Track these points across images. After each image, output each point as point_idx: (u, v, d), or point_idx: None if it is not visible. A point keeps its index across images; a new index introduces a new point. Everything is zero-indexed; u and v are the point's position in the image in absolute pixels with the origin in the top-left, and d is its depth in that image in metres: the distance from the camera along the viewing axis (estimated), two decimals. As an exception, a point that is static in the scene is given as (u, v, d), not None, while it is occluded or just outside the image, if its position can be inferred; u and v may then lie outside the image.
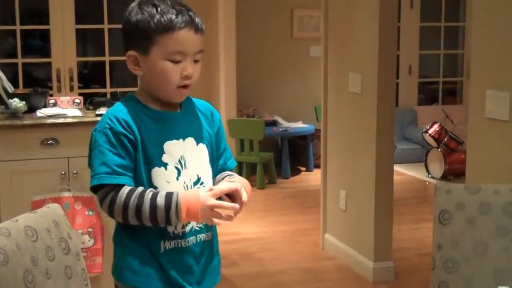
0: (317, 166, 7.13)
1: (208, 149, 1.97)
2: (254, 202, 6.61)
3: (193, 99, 2.02)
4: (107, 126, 1.83)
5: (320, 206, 5.14)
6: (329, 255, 4.95)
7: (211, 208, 1.78)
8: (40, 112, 3.77)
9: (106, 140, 1.82)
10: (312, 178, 7.59)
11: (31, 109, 3.80)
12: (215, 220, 1.80)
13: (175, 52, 1.82)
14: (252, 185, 7.17)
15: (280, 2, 8.26)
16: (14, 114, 3.63)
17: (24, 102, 3.68)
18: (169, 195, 1.79)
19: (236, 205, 1.80)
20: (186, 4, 1.88)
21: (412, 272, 4.62)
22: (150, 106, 1.90)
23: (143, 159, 1.85)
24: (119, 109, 1.87)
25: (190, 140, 1.92)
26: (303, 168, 8.07)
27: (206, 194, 1.79)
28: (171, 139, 1.88)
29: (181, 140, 1.90)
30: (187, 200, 1.77)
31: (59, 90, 6.91)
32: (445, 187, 2.27)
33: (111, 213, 1.82)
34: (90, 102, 4.03)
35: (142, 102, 1.90)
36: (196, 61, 1.88)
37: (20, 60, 6.92)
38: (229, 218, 1.81)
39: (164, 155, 1.86)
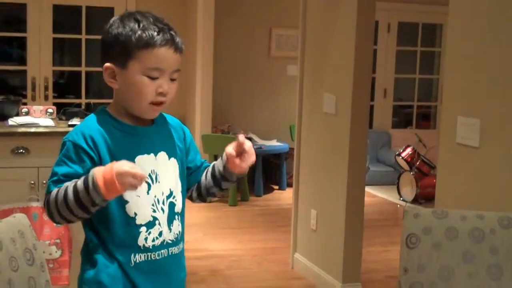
0: (290, 184, 7.13)
1: (178, 164, 1.98)
2: (226, 219, 6.60)
3: (164, 114, 2.02)
4: (71, 139, 1.83)
5: (291, 225, 5.14)
6: (298, 275, 4.94)
7: (125, 174, 1.69)
8: (12, 121, 3.74)
9: (65, 153, 1.82)
10: (284, 196, 7.60)
11: (3, 117, 3.77)
12: (132, 182, 1.71)
13: (153, 68, 1.82)
14: (224, 201, 7.21)
15: (259, 21, 8.30)
16: (-15, 121, 3.60)
17: (-4, 110, 3.65)
18: (85, 177, 1.74)
19: (144, 175, 1.73)
20: (168, 22, 1.89)
21: (380, 294, 4.63)
22: (122, 120, 1.89)
23: None
24: (89, 125, 1.86)
25: (162, 155, 1.93)
26: (276, 187, 8.08)
27: (120, 162, 1.73)
28: (142, 153, 1.88)
29: (152, 154, 1.90)
30: (101, 173, 1.71)
31: (33, 98, 6.87)
32: (413, 211, 2.28)
33: (50, 215, 1.80)
34: (63, 112, 4.01)
35: (114, 116, 1.89)
36: (172, 80, 1.87)
37: (-5, 67, 6.87)
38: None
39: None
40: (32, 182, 3.59)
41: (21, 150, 3.57)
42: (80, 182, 1.73)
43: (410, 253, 2.25)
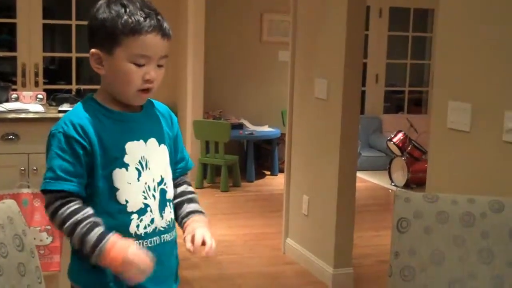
0: (282, 170, 7.12)
1: (168, 150, 1.96)
2: (218, 205, 6.60)
3: (153, 100, 1.99)
4: (61, 130, 1.80)
5: (282, 211, 5.14)
6: (289, 260, 4.96)
7: (133, 266, 1.72)
8: (2, 107, 3.72)
9: (57, 145, 1.79)
10: (276, 182, 7.61)
11: (-7, 103, 3.74)
12: (134, 275, 1.74)
13: (139, 55, 1.79)
14: (216, 187, 7.21)
15: (250, 6, 8.27)
16: (-26, 107, 3.57)
17: (-15, 96, 3.63)
18: (100, 238, 1.74)
19: (147, 272, 1.76)
20: (155, 8, 1.85)
21: (372, 279, 4.64)
22: (109, 107, 1.87)
23: (103, 162, 1.81)
24: (77, 113, 1.84)
25: (153, 141, 1.90)
26: (267, 172, 8.09)
27: (134, 249, 1.74)
28: (132, 140, 1.86)
29: (141, 141, 1.88)
30: (112, 249, 1.73)
31: (23, 85, 6.83)
32: (404, 195, 2.29)
33: (52, 221, 1.82)
34: (53, 98, 3.99)
35: (101, 103, 1.87)
36: (159, 66, 1.85)
37: (-16, 53, 6.82)
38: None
39: (126, 156, 1.83)
40: (22, 168, 3.57)
41: (11, 136, 3.55)
42: (90, 238, 1.74)
43: (401, 237, 2.25)
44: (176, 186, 2.01)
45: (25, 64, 6.85)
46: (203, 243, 1.88)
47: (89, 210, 1.78)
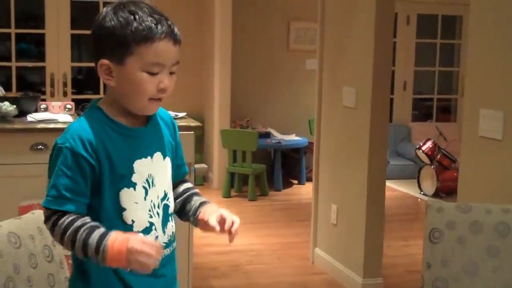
0: (309, 179, 7.10)
1: (171, 162, 1.90)
2: (245, 214, 6.58)
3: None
4: (68, 145, 1.70)
5: (311, 220, 5.11)
6: (318, 270, 4.91)
7: (138, 253, 1.64)
8: (31, 117, 3.74)
9: (64, 162, 1.70)
10: (304, 191, 7.57)
11: (22, 113, 3.77)
12: (143, 261, 1.65)
13: (153, 63, 1.71)
14: (244, 196, 7.19)
15: (277, 14, 8.26)
16: (4, 117, 3.60)
17: (14, 106, 3.65)
18: (101, 239, 1.66)
19: (159, 252, 1.68)
20: (163, 13, 1.78)
21: (401, 289, 4.59)
22: (117, 120, 1.78)
23: (110, 180, 1.74)
24: (85, 127, 1.74)
25: (158, 156, 1.84)
26: (295, 181, 8.05)
27: (135, 238, 1.66)
28: (140, 157, 1.79)
29: (149, 158, 1.81)
30: (113, 243, 1.65)
31: (52, 95, 6.89)
32: (436, 205, 2.25)
33: (52, 233, 1.72)
34: (82, 108, 4.00)
35: (109, 115, 1.78)
36: (171, 73, 1.77)
37: (14, 64, 6.90)
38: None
39: (134, 174, 1.76)
40: (51, 178, 3.58)
41: (40, 146, 3.57)
42: (92, 239, 1.65)
43: (433, 248, 2.21)
44: (176, 185, 1.96)
45: (54, 74, 6.91)
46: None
47: (87, 218, 1.70)
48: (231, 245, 5.68)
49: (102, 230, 1.68)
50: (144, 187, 1.78)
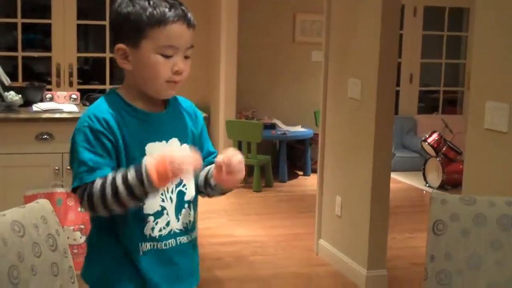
0: (314, 170, 7.09)
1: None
2: (250, 205, 6.59)
3: (178, 96, 1.95)
4: (86, 124, 1.76)
5: (315, 212, 5.11)
6: (322, 261, 4.92)
7: (178, 163, 1.67)
8: (36, 106, 3.75)
9: (84, 139, 1.75)
10: (309, 182, 7.57)
11: (27, 103, 3.78)
12: (185, 168, 1.68)
13: (167, 46, 1.77)
14: (249, 187, 7.20)
15: (283, 6, 8.24)
16: (9, 107, 3.61)
17: (20, 96, 3.66)
18: (137, 169, 1.69)
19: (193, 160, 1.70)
20: None
21: (406, 282, 4.59)
22: (134, 105, 1.83)
23: (125, 160, 1.78)
24: (100, 108, 1.80)
25: (174, 141, 1.86)
26: (300, 172, 8.05)
27: (171, 152, 1.70)
28: (154, 140, 1.82)
29: (164, 142, 1.84)
30: (153, 165, 1.67)
31: (58, 85, 6.90)
32: (440, 197, 2.24)
33: (92, 208, 1.74)
34: (87, 98, 4.01)
35: (126, 100, 1.83)
36: (186, 57, 1.82)
37: (20, 54, 6.91)
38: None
39: (145, 157, 1.78)
40: (56, 168, 3.60)
41: (45, 136, 3.58)
42: (131, 176, 1.68)
43: (437, 240, 2.21)
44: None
45: (60, 64, 6.92)
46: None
47: (110, 174, 1.73)
48: (236, 236, 5.73)
49: (132, 167, 1.70)
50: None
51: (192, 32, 1.81)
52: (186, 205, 1.89)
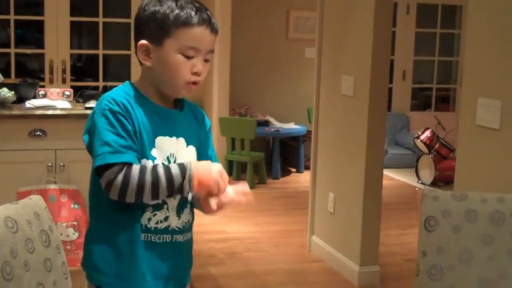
0: (307, 167, 7.07)
1: (196, 152, 1.95)
2: (243, 202, 6.58)
3: (190, 102, 1.99)
4: (106, 107, 1.78)
5: (308, 208, 5.12)
6: (315, 258, 4.93)
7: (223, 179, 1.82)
8: (29, 103, 3.74)
9: (106, 121, 1.77)
10: (302, 179, 7.58)
11: (20, 100, 3.77)
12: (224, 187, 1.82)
13: (189, 47, 1.81)
14: (241, 184, 7.18)
15: (277, 3, 8.24)
16: (2, 104, 3.60)
17: (13, 92, 3.65)
18: (182, 167, 1.77)
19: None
20: (203, 4, 1.88)
21: (398, 278, 4.61)
22: (149, 98, 1.87)
23: (140, 146, 1.81)
24: (118, 93, 1.83)
25: (181, 140, 1.90)
26: (293, 169, 8.06)
27: (217, 169, 1.82)
28: (163, 134, 1.85)
29: (174, 138, 1.87)
30: (198, 175, 1.78)
31: (51, 81, 6.88)
32: (432, 194, 2.26)
33: (122, 193, 1.74)
34: (80, 95, 4.01)
35: (141, 92, 1.86)
36: (206, 61, 1.86)
37: (13, 50, 6.89)
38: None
39: (153, 149, 1.83)
40: (50, 164, 3.59)
41: (38, 133, 3.58)
42: (174, 170, 1.75)
43: (428, 236, 2.22)
44: None
45: (53, 61, 6.90)
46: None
47: (149, 163, 1.80)
48: (228, 232, 5.73)
49: (175, 163, 1.80)
50: (163, 164, 1.82)
51: (215, 38, 1.87)
52: (188, 205, 1.92)
